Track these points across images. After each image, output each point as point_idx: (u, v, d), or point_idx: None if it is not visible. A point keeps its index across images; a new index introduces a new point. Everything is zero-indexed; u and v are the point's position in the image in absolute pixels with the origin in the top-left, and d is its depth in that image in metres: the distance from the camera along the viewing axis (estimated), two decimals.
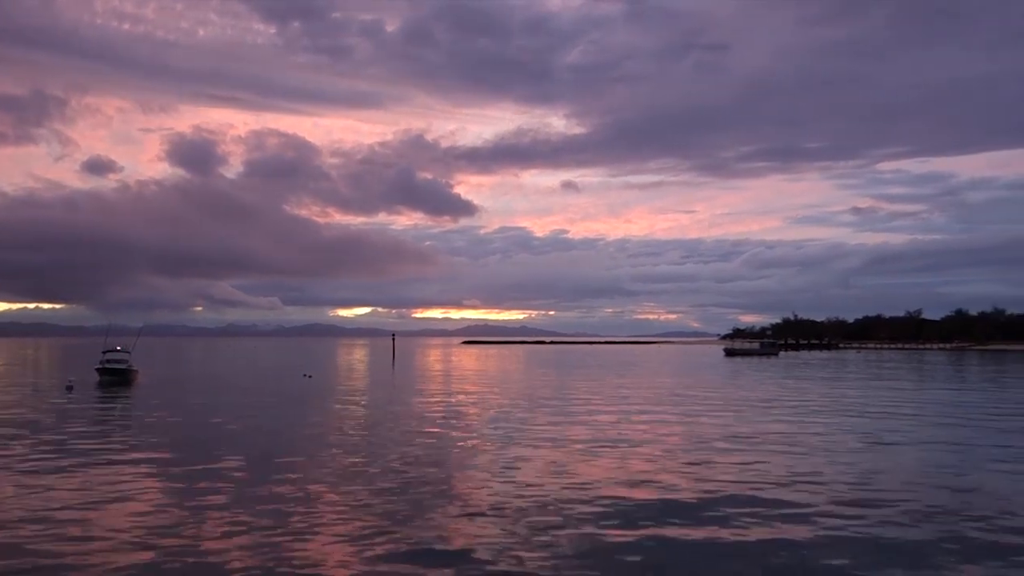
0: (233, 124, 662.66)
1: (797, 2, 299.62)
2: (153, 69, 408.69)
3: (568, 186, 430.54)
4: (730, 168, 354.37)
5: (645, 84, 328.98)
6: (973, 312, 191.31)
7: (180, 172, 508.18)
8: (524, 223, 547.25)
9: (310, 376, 51.24)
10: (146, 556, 10.57)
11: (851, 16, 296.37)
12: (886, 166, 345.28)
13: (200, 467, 17.29)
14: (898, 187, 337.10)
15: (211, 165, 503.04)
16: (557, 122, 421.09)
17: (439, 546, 11.16)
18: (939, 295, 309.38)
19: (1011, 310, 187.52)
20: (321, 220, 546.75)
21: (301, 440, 21.66)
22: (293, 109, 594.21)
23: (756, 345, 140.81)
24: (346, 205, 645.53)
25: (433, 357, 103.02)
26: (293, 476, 16.23)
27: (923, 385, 47.31)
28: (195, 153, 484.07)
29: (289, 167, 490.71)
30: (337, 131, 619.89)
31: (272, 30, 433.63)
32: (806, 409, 31.40)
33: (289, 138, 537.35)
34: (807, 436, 22.95)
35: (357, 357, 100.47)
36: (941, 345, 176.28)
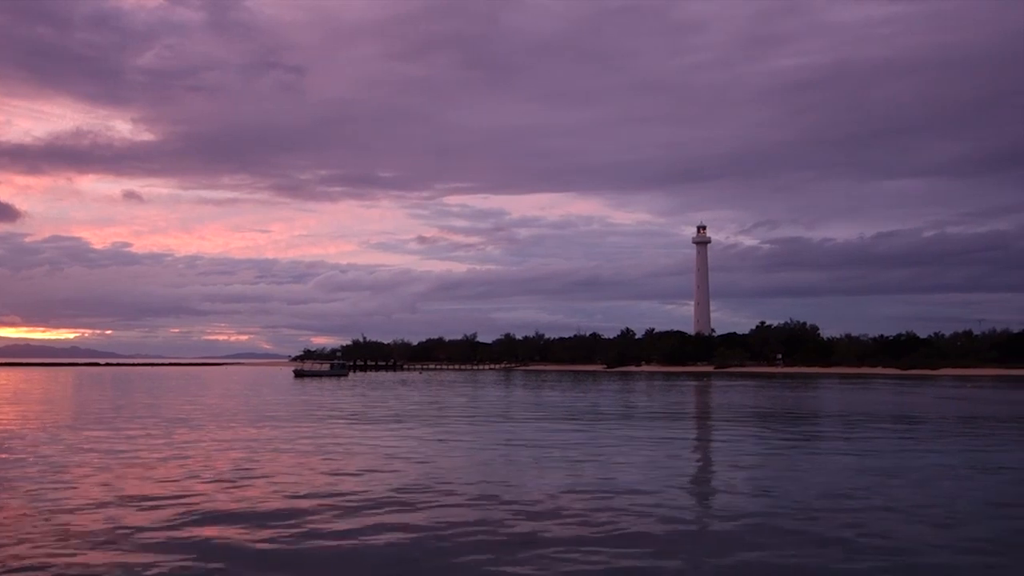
0: None
1: (378, 37, 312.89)
2: None
3: (131, 196, 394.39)
4: (308, 190, 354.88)
5: (223, 97, 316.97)
6: (519, 336, 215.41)
7: None
8: (81, 233, 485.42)
9: None
10: None
11: (426, 57, 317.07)
12: (452, 200, 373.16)
13: None
14: (461, 220, 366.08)
15: None
16: (123, 126, 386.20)
17: None
18: (491, 320, 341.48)
19: (548, 334, 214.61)
20: None
21: None
22: None
23: (326, 366, 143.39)
24: None
25: None
26: None
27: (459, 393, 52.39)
28: None
29: None
30: None
31: None
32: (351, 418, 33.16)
33: None
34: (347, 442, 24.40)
35: None
36: (492, 365, 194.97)
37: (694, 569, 10.66)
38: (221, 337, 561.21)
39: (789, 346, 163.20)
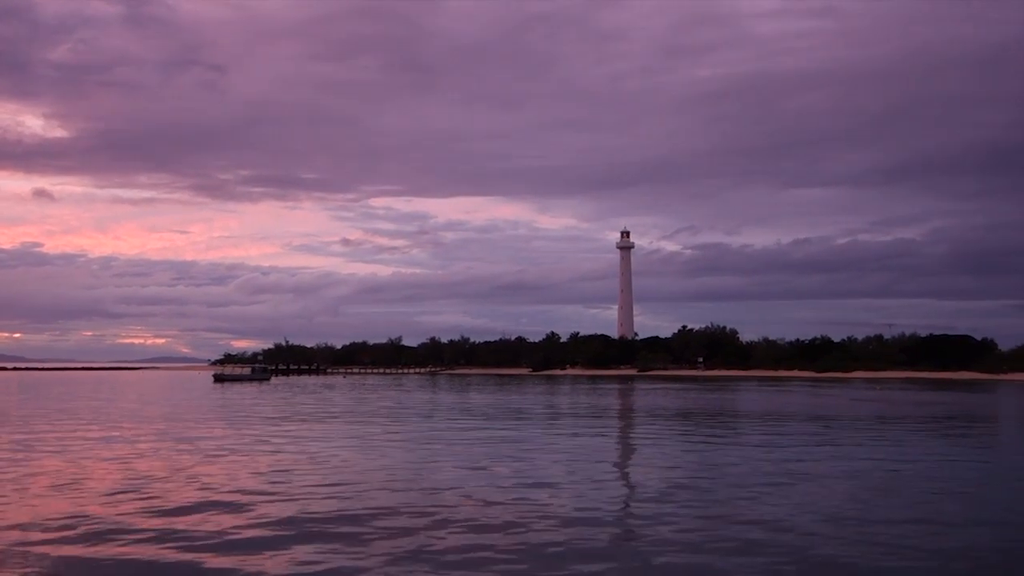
0: None
1: (302, 37, 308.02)
2: None
3: (42, 194, 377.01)
4: (228, 191, 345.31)
5: (140, 94, 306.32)
6: (444, 340, 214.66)
7: None
8: None
9: None
10: None
11: (349, 59, 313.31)
12: (377, 202, 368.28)
13: None
14: (386, 223, 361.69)
15: None
16: (33, 121, 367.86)
17: None
18: (417, 323, 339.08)
19: (474, 338, 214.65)
20: None
21: None
22: None
23: (247, 370, 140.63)
24: None
25: None
26: None
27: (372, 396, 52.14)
28: None
29: None
30: None
31: None
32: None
33: None
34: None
35: None
36: (417, 369, 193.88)
37: (606, 551, 10.86)
38: (137, 340, 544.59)
39: (710, 350, 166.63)
